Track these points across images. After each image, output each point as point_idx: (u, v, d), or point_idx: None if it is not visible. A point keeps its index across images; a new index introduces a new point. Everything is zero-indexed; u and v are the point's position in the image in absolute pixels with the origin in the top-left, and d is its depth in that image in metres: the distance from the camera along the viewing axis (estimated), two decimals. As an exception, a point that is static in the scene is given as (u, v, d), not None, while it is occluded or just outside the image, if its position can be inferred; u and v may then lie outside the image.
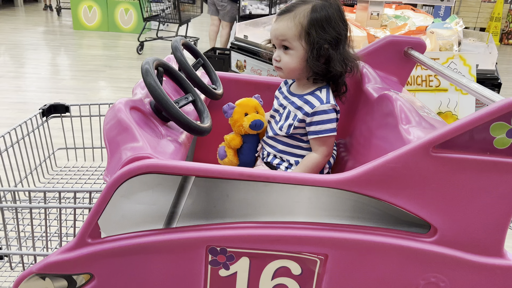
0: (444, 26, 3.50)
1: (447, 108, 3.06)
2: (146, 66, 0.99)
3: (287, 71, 1.28)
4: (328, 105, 1.25)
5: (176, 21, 6.40)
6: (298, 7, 1.26)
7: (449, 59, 3.06)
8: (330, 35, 1.23)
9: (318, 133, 1.25)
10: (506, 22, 9.55)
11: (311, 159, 1.27)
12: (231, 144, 1.41)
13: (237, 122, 1.39)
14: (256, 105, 1.41)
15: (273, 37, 1.29)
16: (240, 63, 3.75)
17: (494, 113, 0.81)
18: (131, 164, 0.87)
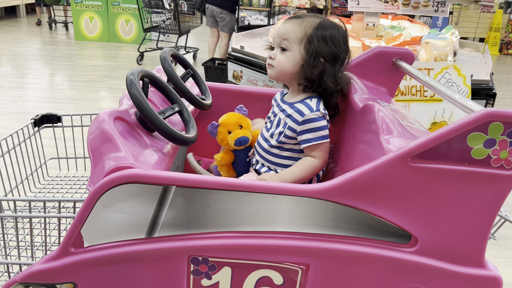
0: (439, 36, 3.52)
1: (442, 118, 3.07)
2: (131, 77, 1.01)
3: (278, 69, 1.30)
4: (318, 113, 1.26)
5: (176, 32, 6.46)
6: (308, 17, 1.31)
7: (444, 69, 3.07)
8: (330, 50, 1.26)
9: (311, 140, 1.25)
10: (505, 32, 9.60)
11: (308, 161, 1.27)
12: (222, 162, 1.44)
13: (223, 141, 1.41)
14: (238, 119, 1.41)
15: (276, 35, 1.32)
16: (236, 74, 3.78)
17: (470, 124, 0.82)
18: (113, 174, 0.88)
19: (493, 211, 0.90)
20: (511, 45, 9.68)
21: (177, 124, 1.24)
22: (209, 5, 5.77)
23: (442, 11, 3.20)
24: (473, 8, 9.44)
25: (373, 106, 1.11)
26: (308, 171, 1.26)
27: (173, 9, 6.40)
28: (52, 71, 5.89)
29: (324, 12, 6.30)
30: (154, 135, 1.10)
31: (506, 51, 9.69)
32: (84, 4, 7.94)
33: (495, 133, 0.83)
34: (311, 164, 1.26)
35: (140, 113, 0.99)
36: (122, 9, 7.93)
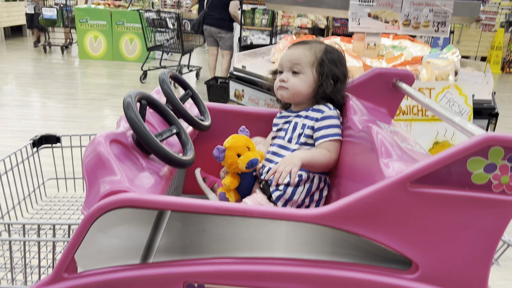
0: (440, 56, 3.53)
1: (444, 138, 3.05)
2: (128, 99, 1.00)
3: (292, 91, 1.38)
4: (335, 112, 1.37)
5: (179, 51, 6.52)
6: (313, 43, 1.44)
7: (445, 88, 3.07)
8: (339, 71, 1.40)
9: (328, 136, 1.32)
10: (507, 51, 9.64)
11: (324, 151, 1.31)
12: (231, 187, 1.40)
13: (232, 165, 1.37)
14: (245, 141, 1.39)
15: (286, 60, 1.40)
16: (238, 93, 3.79)
17: (470, 148, 0.81)
18: (107, 198, 0.87)
19: (495, 237, 0.88)
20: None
21: (175, 146, 1.24)
22: (207, 26, 5.86)
23: (442, 31, 3.22)
24: (474, 27, 9.51)
25: (372, 129, 1.10)
26: (324, 157, 1.29)
27: (176, 29, 6.48)
28: (56, 89, 5.94)
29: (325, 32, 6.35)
30: (151, 158, 1.10)
31: (508, 70, 9.72)
32: (89, 24, 8.05)
33: (496, 158, 0.82)
34: (327, 154, 1.30)
35: (137, 136, 0.99)
36: (126, 28, 8.04)
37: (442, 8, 3.15)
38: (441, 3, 3.13)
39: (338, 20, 6.13)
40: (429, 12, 3.17)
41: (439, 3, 3.12)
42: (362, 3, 3.14)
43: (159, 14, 6.69)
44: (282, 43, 3.87)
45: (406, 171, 0.84)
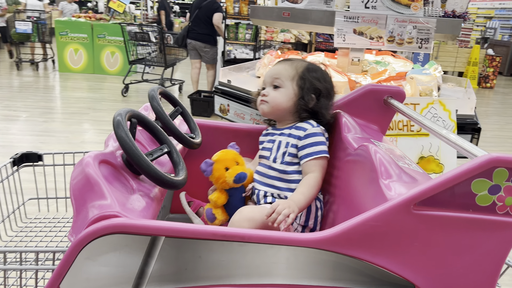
0: (423, 72, 3.58)
1: (429, 153, 3.07)
2: (118, 118, 0.96)
3: (272, 104, 1.37)
4: (318, 128, 1.33)
5: (162, 65, 6.47)
6: (297, 60, 1.44)
7: (429, 104, 3.10)
8: (322, 86, 1.38)
9: (312, 154, 1.29)
10: (483, 66, 9.89)
11: (311, 177, 1.27)
12: (217, 203, 1.35)
13: (220, 179, 1.33)
14: (234, 155, 1.37)
15: (268, 76, 1.41)
16: (223, 107, 3.75)
17: (475, 170, 0.79)
18: (97, 223, 0.82)
19: (499, 260, 0.86)
20: (488, 79, 9.97)
21: (165, 165, 1.19)
22: (191, 40, 5.87)
23: (426, 47, 3.26)
24: (451, 43, 9.74)
25: (369, 148, 1.07)
26: (314, 187, 1.26)
27: (159, 42, 6.43)
28: (34, 103, 5.80)
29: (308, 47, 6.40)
30: (141, 178, 1.05)
31: (484, 85, 9.96)
32: (69, 37, 7.94)
33: (500, 179, 0.80)
34: (314, 179, 1.27)
35: (127, 156, 0.94)
36: (107, 41, 7.95)
37: (425, 25, 3.20)
38: (424, 21, 3.18)
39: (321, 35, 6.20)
40: (412, 29, 3.21)
41: (422, 21, 3.17)
42: (348, 20, 3.16)
43: (141, 27, 6.64)
44: (267, 58, 3.87)
45: (410, 193, 0.82)
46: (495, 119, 6.87)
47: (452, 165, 3.23)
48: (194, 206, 1.44)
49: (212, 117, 5.52)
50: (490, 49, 10.47)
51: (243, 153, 1.55)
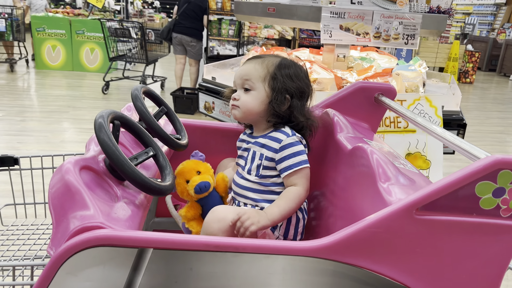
0: (409, 68, 3.57)
1: (416, 149, 3.07)
2: (100, 120, 0.89)
3: (244, 109, 1.26)
4: (294, 137, 1.23)
5: (143, 61, 6.35)
6: (268, 57, 1.30)
7: (416, 100, 3.09)
8: (295, 86, 1.25)
9: (291, 167, 1.20)
10: (462, 62, 10.01)
11: (292, 190, 1.19)
12: (188, 217, 1.27)
13: (184, 193, 1.26)
14: (194, 165, 1.28)
15: (237, 77, 1.29)
16: (208, 105, 3.68)
17: (479, 172, 0.76)
18: (79, 235, 0.76)
19: (503, 265, 0.83)
20: (468, 74, 10.10)
21: (151, 168, 1.13)
22: (177, 34, 5.77)
23: (412, 43, 3.25)
24: (432, 39, 9.82)
25: (365, 149, 1.03)
26: (293, 201, 1.18)
27: (140, 38, 6.30)
28: (11, 102, 5.62)
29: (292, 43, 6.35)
30: (126, 184, 0.99)
31: (464, 80, 10.09)
32: (47, 33, 7.72)
33: (505, 182, 0.77)
34: (295, 193, 1.19)
35: (111, 162, 0.88)
36: (87, 37, 7.76)
37: (411, 21, 3.19)
38: (410, 16, 3.17)
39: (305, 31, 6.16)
40: (399, 24, 3.20)
41: (408, 16, 3.15)
42: (334, 16, 3.12)
43: (121, 23, 6.50)
44: (251, 54, 3.82)
45: (412, 198, 0.78)
46: (475, 114, 6.95)
47: (439, 161, 3.23)
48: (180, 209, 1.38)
49: (196, 115, 5.44)
50: (469, 45, 10.61)
51: (232, 154, 1.50)
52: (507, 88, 9.77)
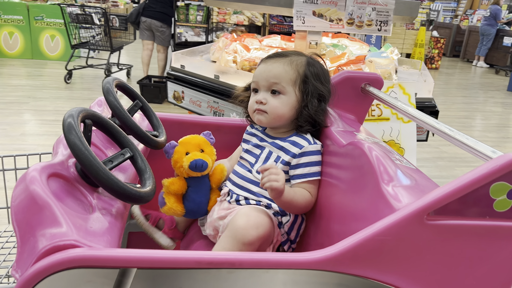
0: (381, 55, 3.55)
1: (390, 137, 3.06)
2: (69, 120, 0.78)
3: (273, 116, 1.18)
4: (317, 146, 1.18)
5: (108, 48, 6.09)
6: (293, 55, 1.22)
7: (390, 88, 3.07)
8: (324, 88, 1.20)
9: (306, 176, 1.14)
10: (428, 48, 10.18)
11: (305, 193, 1.14)
12: (170, 189, 1.18)
13: (177, 163, 1.18)
14: (201, 142, 1.21)
15: (262, 78, 1.18)
16: (177, 94, 3.54)
17: (495, 173, 0.70)
18: (49, 256, 0.65)
19: (514, 269, 0.78)
20: (434, 60, 10.29)
21: (127, 170, 1.02)
22: (147, 18, 5.54)
23: (385, 30, 3.22)
24: (399, 25, 9.93)
25: (362, 144, 0.96)
26: (303, 201, 1.13)
27: (103, 25, 6.03)
28: (-35, 92, 5.28)
29: (262, 30, 6.25)
30: (101, 191, 0.88)
31: (430, 66, 10.29)
32: (2, 19, 7.28)
33: (520, 182, 0.72)
34: (307, 197, 1.14)
35: (82, 168, 0.77)
36: (46, 24, 7.37)
37: (384, 7, 3.15)
38: (383, 2, 3.13)
39: (275, 17, 6.06)
40: (372, 11, 3.15)
41: (381, 2, 3.11)
42: (307, 1, 3.04)
43: (83, 9, 6.19)
44: (222, 41, 3.69)
45: (423, 202, 0.71)
46: (442, 99, 7.09)
47: (412, 149, 3.24)
48: (152, 219, 1.27)
49: (164, 104, 5.28)
50: (435, 31, 10.80)
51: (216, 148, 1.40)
52: (470, 74, 10.03)
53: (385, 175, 0.85)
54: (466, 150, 0.85)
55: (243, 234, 0.99)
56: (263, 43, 3.60)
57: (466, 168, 4.02)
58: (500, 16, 10.48)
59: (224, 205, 1.20)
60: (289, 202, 1.09)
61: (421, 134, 3.44)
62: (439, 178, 3.76)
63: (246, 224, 1.01)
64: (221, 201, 1.22)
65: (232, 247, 0.99)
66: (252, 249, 1.00)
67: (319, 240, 1.08)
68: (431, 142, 3.86)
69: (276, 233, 1.13)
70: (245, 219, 1.02)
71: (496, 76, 9.66)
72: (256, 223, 1.02)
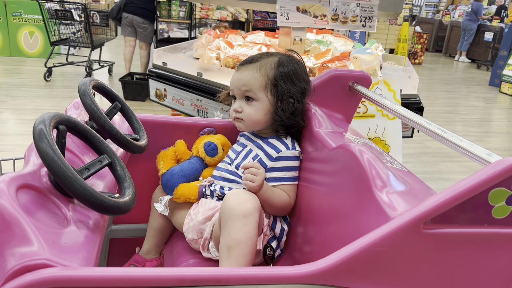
0: (366, 51, 3.52)
1: (375, 134, 3.04)
2: (40, 127, 0.72)
3: (249, 123, 1.21)
4: (295, 152, 1.19)
5: (88, 45, 5.95)
6: (263, 59, 1.23)
7: (375, 84, 3.05)
8: (297, 88, 1.20)
9: (281, 180, 1.16)
10: (411, 43, 10.24)
11: (285, 195, 1.16)
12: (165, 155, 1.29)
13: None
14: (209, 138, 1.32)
15: (235, 87, 1.21)
16: (160, 92, 3.47)
17: (494, 179, 0.67)
18: (18, 278, 0.59)
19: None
20: (417, 55, 10.36)
21: (105, 177, 0.96)
22: (128, 14, 5.40)
23: (369, 26, 3.20)
24: (383, 20, 9.96)
25: (352, 148, 0.92)
26: (280, 202, 1.15)
27: (83, 21, 5.89)
28: None
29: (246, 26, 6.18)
30: (76, 202, 0.82)
31: (413, 61, 10.35)
32: (-22, 15, 7.07)
33: (519, 188, 0.68)
34: (285, 199, 1.16)
35: (55, 178, 0.71)
36: (24, 20, 7.18)
37: (368, 2, 3.12)
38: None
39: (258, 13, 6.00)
40: (356, 6, 3.12)
41: (366, -2, 3.08)
42: (292, -3, 2.99)
43: (62, 4, 6.03)
44: (205, 38, 3.62)
45: (419, 210, 0.67)
46: (425, 95, 7.14)
47: (398, 146, 3.23)
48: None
49: (147, 102, 5.19)
50: (418, 27, 10.87)
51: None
52: (452, 68, 10.13)
53: (378, 180, 0.81)
54: (460, 152, 0.82)
55: (239, 209, 0.99)
56: (246, 39, 3.54)
57: (450, 163, 4.04)
58: (482, 11, 10.60)
59: (209, 204, 1.16)
60: (265, 200, 1.11)
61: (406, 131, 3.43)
62: (424, 173, 3.77)
63: (238, 200, 1.01)
64: (205, 200, 1.20)
65: (235, 226, 0.98)
66: (254, 221, 1.00)
67: (307, 247, 1.04)
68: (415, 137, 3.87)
69: (264, 221, 1.14)
70: (236, 197, 1.03)
71: (477, 71, 9.77)
72: (246, 197, 1.03)
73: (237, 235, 0.96)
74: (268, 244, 1.14)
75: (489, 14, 11.09)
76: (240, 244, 0.95)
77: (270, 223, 1.17)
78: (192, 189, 1.22)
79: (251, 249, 0.97)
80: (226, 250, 0.97)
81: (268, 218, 1.16)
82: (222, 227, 1.01)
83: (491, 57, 10.27)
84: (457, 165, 4.01)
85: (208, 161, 1.31)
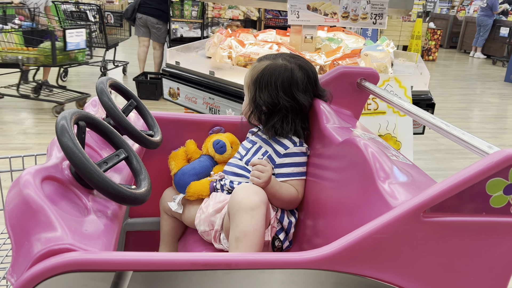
0: (377, 48, 3.53)
1: (386, 131, 3.06)
2: (62, 122, 0.77)
3: (242, 111, 1.34)
4: (302, 148, 1.23)
5: (103, 46, 6.05)
6: (262, 60, 1.30)
7: (385, 81, 3.06)
8: (264, 99, 1.24)
9: (289, 175, 1.21)
10: (425, 39, 10.15)
11: (293, 190, 1.21)
12: (177, 155, 1.35)
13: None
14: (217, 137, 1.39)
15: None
16: (173, 91, 3.53)
17: (491, 169, 0.70)
18: (44, 261, 0.65)
19: (511, 264, 0.78)
20: (431, 52, 10.27)
21: (122, 171, 1.02)
22: (143, 15, 5.48)
23: (380, 23, 3.21)
24: (396, 17, 9.89)
25: (357, 142, 0.96)
26: (288, 196, 1.20)
27: (98, 22, 5.99)
28: None
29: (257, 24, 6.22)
30: (96, 193, 0.87)
31: (427, 58, 10.26)
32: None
33: (516, 178, 0.71)
34: (293, 193, 1.21)
35: (76, 170, 0.76)
36: (40, 21, 7.32)
37: (378, 0, 3.13)
38: (378, -5, 3.11)
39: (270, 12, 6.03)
40: (366, 4, 3.14)
41: (377, -5, 3.09)
42: (302, -5, 3.02)
43: (78, 6, 6.14)
44: (217, 37, 3.67)
45: (419, 199, 0.71)
46: (439, 91, 7.08)
47: (409, 142, 3.23)
48: None
49: (161, 101, 5.26)
50: (432, 23, 10.77)
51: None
52: (467, 65, 10.02)
53: (381, 172, 0.85)
54: (463, 146, 0.85)
55: (246, 202, 1.04)
56: (258, 38, 3.57)
57: (463, 160, 4.02)
58: (497, 6, 10.46)
59: (219, 197, 1.21)
60: (272, 194, 1.16)
61: (417, 127, 3.43)
62: (437, 170, 3.76)
63: (246, 193, 1.06)
64: (215, 194, 1.26)
65: (243, 219, 1.02)
66: (261, 214, 1.04)
67: (316, 239, 1.08)
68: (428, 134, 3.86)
69: (272, 213, 1.18)
70: (243, 191, 1.08)
71: (493, 67, 9.65)
72: (254, 191, 1.07)
73: (245, 227, 1.00)
74: (276, 236, 1.18)
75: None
76: (247, 236, 1.00)
77: (277, 216, 1.21)
78: (203, 185, 1.27)
79: (259, 240, 1.01)
80: (234, 241, 1.02)
81: (276, 211, 1.20)
82: (231, 220, 1.06)
83: (507, 53, 10.13)
84: (470, 161, 4.00)
85: (217, 158, 1.36)
